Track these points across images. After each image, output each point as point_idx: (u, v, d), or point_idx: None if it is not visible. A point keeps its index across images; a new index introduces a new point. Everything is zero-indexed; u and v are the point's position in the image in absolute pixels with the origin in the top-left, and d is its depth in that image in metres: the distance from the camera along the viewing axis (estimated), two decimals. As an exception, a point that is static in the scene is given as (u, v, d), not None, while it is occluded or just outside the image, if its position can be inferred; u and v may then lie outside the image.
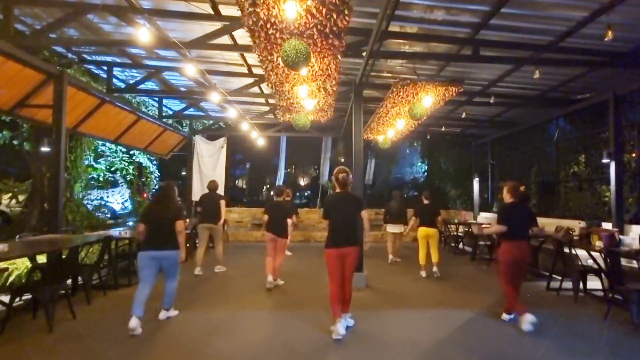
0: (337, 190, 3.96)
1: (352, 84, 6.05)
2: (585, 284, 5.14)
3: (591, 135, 8.09)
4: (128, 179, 11.63)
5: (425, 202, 6.62)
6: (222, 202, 6.54)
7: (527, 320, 3.78)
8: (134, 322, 3.52)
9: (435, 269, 6.26)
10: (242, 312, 4.36)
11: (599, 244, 4.74)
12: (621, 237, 4.96)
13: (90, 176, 10.06)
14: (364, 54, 4.96)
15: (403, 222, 7.50)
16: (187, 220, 6.10)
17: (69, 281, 4.74)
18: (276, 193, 5.91)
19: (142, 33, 4.15)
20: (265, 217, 5.51)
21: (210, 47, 5.29)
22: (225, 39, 5.36)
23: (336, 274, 3.72)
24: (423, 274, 6.33)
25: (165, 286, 4.02)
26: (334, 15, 3.42)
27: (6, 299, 3.69)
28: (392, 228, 7.50)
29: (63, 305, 4.05)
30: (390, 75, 6.61)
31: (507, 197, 4.22)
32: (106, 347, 3.31)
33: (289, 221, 5.71)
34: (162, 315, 4.01)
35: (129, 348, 3.31)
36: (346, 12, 3.40)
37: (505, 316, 4.17)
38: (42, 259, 4.39)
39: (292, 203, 7.47)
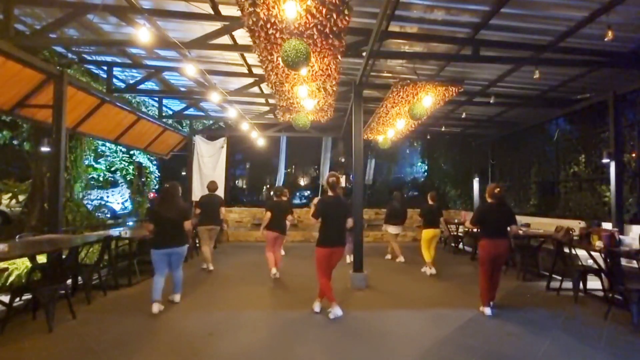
0: (329, 194, 4.39)
1: (352, 84, 6.05)
2: (585, 284, 5.15)
3: (591, 135, 8.06)
4: (128, 179, 11.62)
5: (431, 202, 6.71)
6: (222, 209, 6.73)
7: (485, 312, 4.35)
8: (155, 307, 4.20)
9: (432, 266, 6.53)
10: (243, 312, 4.36)
11: (599, 244, 4.73)
12: (621, 237, 4.96)
13: (90, 176, 10.07)
14: (364, 54, 4.96)
15: (403, 222, 7.52)
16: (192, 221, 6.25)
17: (69, 281, 4.74)
18: (276, 193, 6.23)
19: (142, 33, 4.14)
20: (268, 214, 5.88)
21: (210, 47, 5.28)
22: (225, 39, 5.36)
23: (326, 270, 4.29)
24: (432, 270, 6.46)
25: (173, 276, 4.61)
26: (334, 15, 3.42)
27: (6, 299, 3.70)
28: (392, 229, 7.50)
29: (63, 305, 4.05)
30: (390, 75, 6.60)
31: (486, 198, 4.62)
32: (106, 347, 3.32)
33: (288, 219, 6.16)
34: (177, 298, 4.66)
35: (129, 348, 3.31)
36: (346, 12, 3.40)
37: (484, 309, 4.37)
38: (42, 259, 4.38)
39: (289, 202, 7.62)
